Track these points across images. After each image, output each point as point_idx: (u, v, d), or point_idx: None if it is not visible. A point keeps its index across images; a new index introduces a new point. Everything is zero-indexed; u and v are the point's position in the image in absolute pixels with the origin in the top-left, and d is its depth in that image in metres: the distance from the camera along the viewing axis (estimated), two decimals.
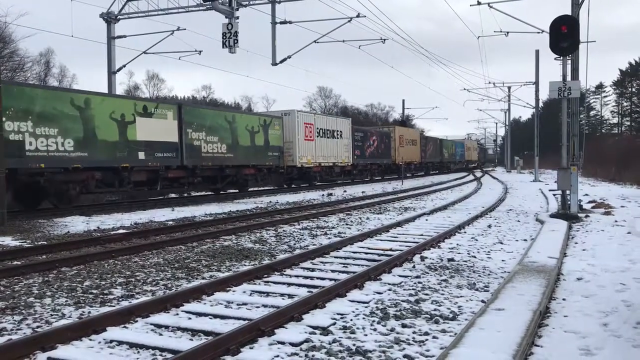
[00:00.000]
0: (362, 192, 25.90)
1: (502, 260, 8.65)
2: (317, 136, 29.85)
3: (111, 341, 4.91)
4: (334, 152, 31.94)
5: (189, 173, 20.70)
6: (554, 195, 21.11)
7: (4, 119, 13.63)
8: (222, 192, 23.95)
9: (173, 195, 23.69)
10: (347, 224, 13.51)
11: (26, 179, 15.09)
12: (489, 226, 12.93)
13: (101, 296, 6.58)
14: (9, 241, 10.92)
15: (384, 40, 26.09)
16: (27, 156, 14.72)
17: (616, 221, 13.29)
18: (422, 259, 8.71)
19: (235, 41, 20.44)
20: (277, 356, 4.51)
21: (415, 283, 7.05)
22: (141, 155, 18.32)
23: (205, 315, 5.72)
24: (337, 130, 32.35)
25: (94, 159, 16.63)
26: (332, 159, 31.65)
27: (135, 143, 18.13)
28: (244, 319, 5.45)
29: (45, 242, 10.60)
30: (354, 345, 4.74)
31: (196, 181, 21.38)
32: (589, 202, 18.03)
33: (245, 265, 8.45)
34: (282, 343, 4.80)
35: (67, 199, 16.48)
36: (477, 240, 10.80)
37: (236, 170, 23.37)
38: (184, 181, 20.72)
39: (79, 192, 16.70)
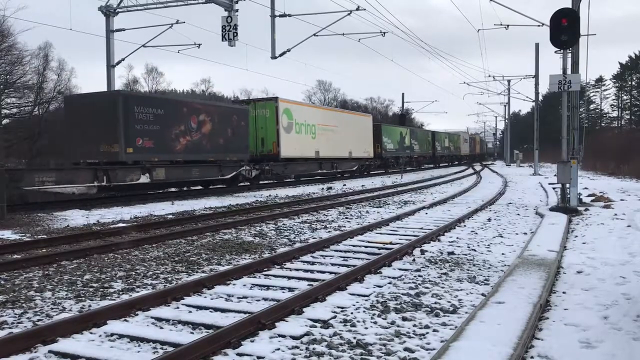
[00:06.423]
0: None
1: (502, 254, 8.66)
2: (464, 142, 70.60)
3: (112, 334, 4.92)
4: (466, 149, 70.83)
5: None
6: (554, 188, 21.13)
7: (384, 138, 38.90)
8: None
9: (173, 189, 23.76)
10: (346, 218, 13.52)
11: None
12: (489, 220, 12.93)
13: (101, 290, 6.58)
14: (8, 234, 10.91)
15: (384, 33, 26.02)
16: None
17: (616, 214, 13.30)
18: (422, 252, 8.72)
19: (235, 34, 20.37)
20: (278, 349, 4.51)
21: (415, 276, 7.06)
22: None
23: (206, 308, 5.73)
24: (462, 138, 69.82)
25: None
26: (463, 152, 69.04)
27: None
28: (245, 312, 5.46)
29: (45, 236, 10.59)
30: (354, 338, 4.74)
31: None
32: (589, 195, 18.04)
33: (245, 258, 8.45)
34: (283, 336, 4.81)
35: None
36: (477, 233, 10.81)
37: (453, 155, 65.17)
38: None
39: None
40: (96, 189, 16.76)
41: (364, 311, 5.54)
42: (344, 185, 27.09)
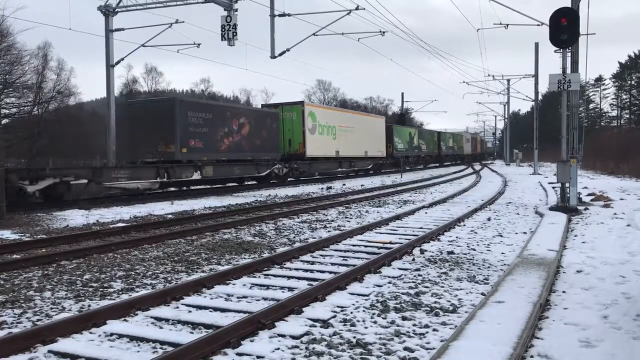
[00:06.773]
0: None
1: (502, 253, 8.66)
2: (466, 142, 73.38)
3: (111, 334, 4.91)
4: (468, 149, 73.85)
5: None
6: (553, 188, 21.13)
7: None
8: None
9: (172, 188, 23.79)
10: (346, 217, 13.51)
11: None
12: (489, 219, 12.93)
13: (101, 289, 6.58)
14: (8, 234, 10.91)
15: (384, 32, 25.97)
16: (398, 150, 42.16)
17: (615, 214, 13.30)
18: (422, 251, 8.72)
19: (234, 34, 20.34)
20: (278, 349, 4.51)
21: (415, 276, 7.06)
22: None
23: (206, 308, 5.72)
24: (464, 138, 72.87)
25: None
26: (465, 151, 71.95)
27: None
28: (244, 312, 5.46)
29: (44, 236, 10.58)
30: (354, 337, 4.74)
31: None
32: (588, 194, 18.04)
33: (245, 258, 8.45)
34: (283, 336, 4.81)
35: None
36: (476, 233, 10.81)
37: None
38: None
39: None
40: (158, 184, 18.62)
41: (363, 311, 5.54)
42: (344, 184, 27.08)
